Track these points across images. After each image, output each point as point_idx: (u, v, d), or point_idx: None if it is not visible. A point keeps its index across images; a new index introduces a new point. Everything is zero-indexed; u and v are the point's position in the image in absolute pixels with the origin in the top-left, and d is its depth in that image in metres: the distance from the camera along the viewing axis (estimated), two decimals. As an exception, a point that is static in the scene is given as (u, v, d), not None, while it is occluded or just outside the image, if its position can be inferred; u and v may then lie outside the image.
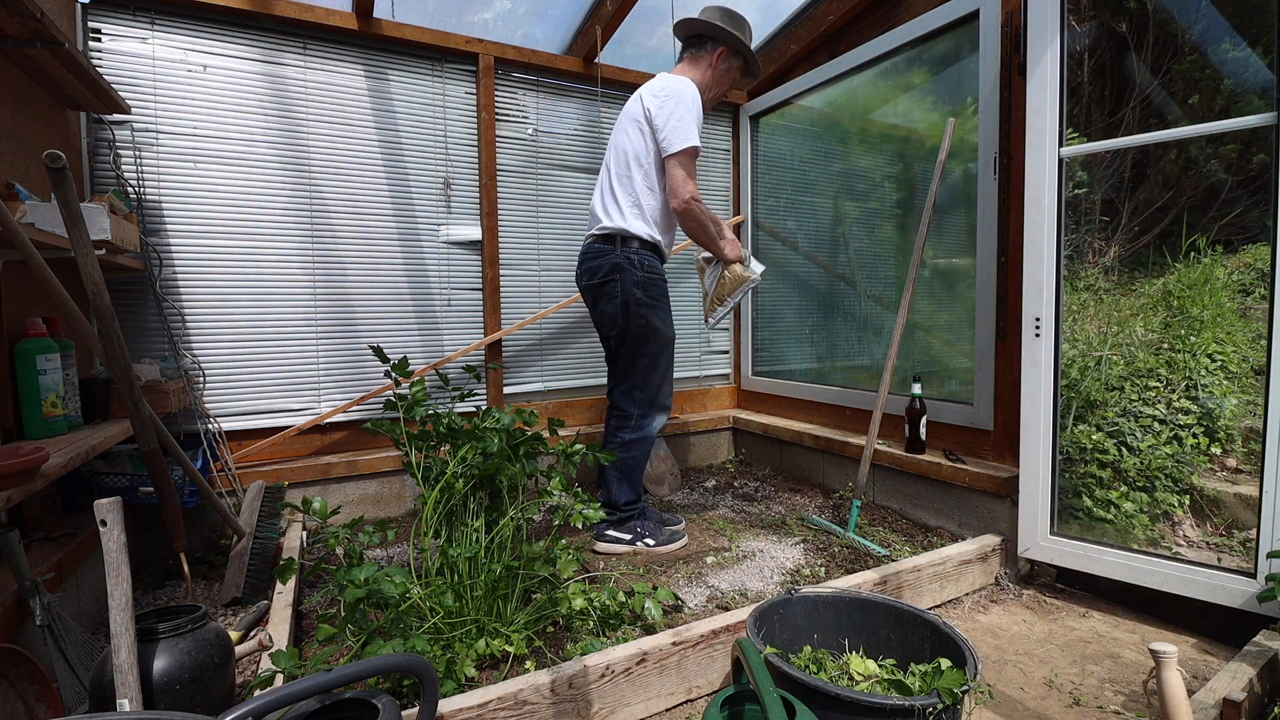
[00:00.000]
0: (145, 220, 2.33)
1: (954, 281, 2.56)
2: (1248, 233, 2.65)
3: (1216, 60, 2.64)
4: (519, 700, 1.30)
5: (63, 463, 1.43)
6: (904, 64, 2.73)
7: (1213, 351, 2.35)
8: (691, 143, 2.11)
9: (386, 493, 2.68)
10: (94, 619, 1.78)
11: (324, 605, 1.87)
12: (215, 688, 1.25)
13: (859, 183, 3.03)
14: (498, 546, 1.68)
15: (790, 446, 3.16)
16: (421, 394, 1.90)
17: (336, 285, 2.66)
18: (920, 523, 2.46)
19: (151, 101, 2.32)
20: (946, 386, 2.59)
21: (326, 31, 2.56)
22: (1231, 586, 1.67)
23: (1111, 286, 2.83)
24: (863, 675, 1.39)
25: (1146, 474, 2.18)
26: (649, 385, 2.26)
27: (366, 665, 1.00)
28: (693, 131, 2.11)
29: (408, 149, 2.77)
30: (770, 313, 3.57)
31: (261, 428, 2.54)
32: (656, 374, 2.26)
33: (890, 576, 1.86)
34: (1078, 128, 2.36)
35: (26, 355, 1.63)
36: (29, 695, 1.22)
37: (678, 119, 2.10)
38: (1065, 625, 1.88)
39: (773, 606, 1.50)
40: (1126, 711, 1.46)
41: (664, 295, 2.25)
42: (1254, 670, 1.38)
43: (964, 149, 2.44)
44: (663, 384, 2.29)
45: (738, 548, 2.27)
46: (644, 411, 2.27)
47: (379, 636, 1.47)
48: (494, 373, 2.95)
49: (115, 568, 1.13)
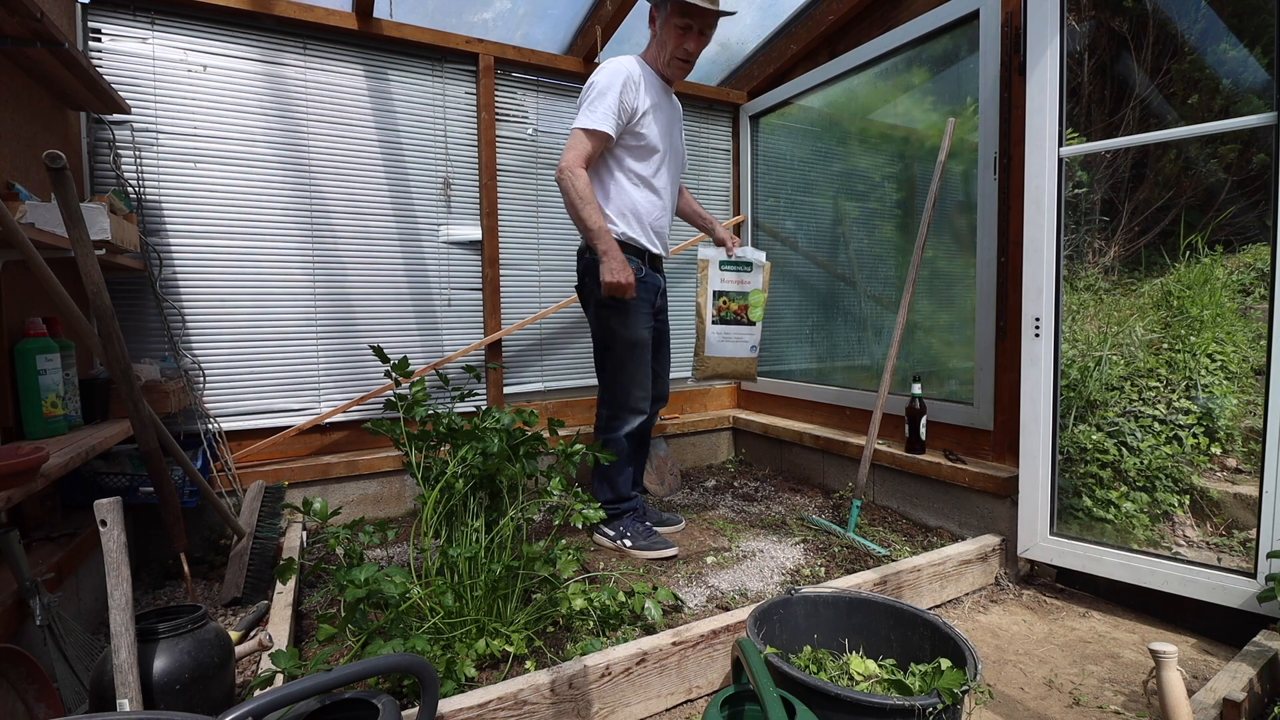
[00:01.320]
0: (145, 220, 2.33)
1: (954, 281, 2.56)
2: (1247, 233, 2.65)
3: (1215, 60, 2.64)
4: (519, 700, 1.30)
5: (63, 463, 1.43)
6: (904, 64, 2.74)
7: (1213, 351, 2.34)
8: (586, 125, 2.06)
9: (386, 493, 2.68)
10: (94, 619, 1.78)
11: (324, 605, 1.87)
12: (215, 688, 1.25)
13: (859, 183, 3.03)
14: (498, 546, 1.68)
15: (790, 446, 3.15)
16: (421, 394, 1.90)
17: (336, 285, 2.66)
18: (920, 523, 2.46)
19: (151, 101, 2.32)
20: (946, 386, 2.59)
21: (326, 31, 2.56)
22: (1231, 586, 1.67)
23: (1111, 286, 2.83)
24: (863, 675, 1.39)
25: (1146, 474, 2.18)
26: (616, 387, 2.25)
27: (366, 665, 1.00)
28: (596, 114, 2.06)
29: (408, 149, 2.77)
30: (770, 313, 3.57)
31: (261, 428, 2.54)
32: (624, 376, 2.23)
33: (890, 576, 1.86)
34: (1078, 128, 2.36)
35: (26, 355, 1.63)
36: (29, 695, 1.22)
37: (587, 100, 2.10)
38: (1065, 625, 1.87)
39: (773, 606, 1.50)
40: (1126, 711, 1.46)
41: (640, 297, 2.18)
42: (1254, 670, 1.38)
43: (964, 149, 2.44)
44: (632, 387, 2.23)
45: (738, 548, 2.27)
46: (613, 413, 2.27)
47: (379, 636, 1.47)
48: (494, 373, 2.95)
49: (115, 568, 1.13)
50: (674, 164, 2.32)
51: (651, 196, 2.22)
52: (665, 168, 2.25)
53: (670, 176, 2.30)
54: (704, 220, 2.55)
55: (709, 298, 2.34)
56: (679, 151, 2.37)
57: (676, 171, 2.36)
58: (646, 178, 2.20)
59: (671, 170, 2.30)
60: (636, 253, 2.21)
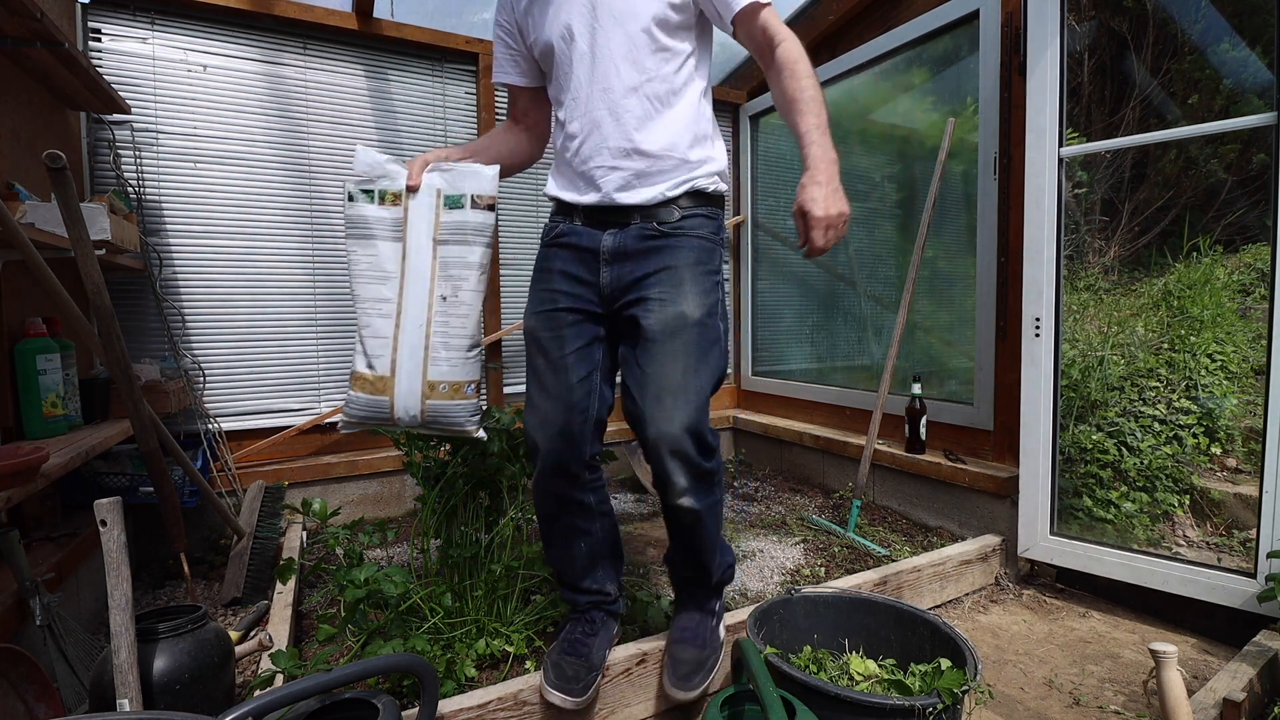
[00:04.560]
0: (145, 220, 2.33)
1: (954, 281, 2.56)
2: (1248, 232, 2.65)
3: (1216, 60, 2.64)
4: (519, 700, 1.30)
5: (63, 463, 1.43)
6: (904, 64, 2.73)
7: (1213, 351, 2.35)
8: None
9: (386, 493, 2.68)
10: (94, 619, 1.78)
11: (324, 605, 1.87)
12: (215, 688, 1.25)
13: (859, 183, 3.02)
14: (498, 547, 1.68)
15: (790, 446, 3.15)
16: (421, 394, 1.90)
17: (336, 285, 2.66)
18: (920, 523, 2.46)
19: (151, 101, 2.32)
20: (946, 386, 2.59)
21: (326, 31, 2.56)
22: (1231, 586, 1.67)
23: (1111, 286, 2.83)
24: (863, 675, 1.39)
25: (1147, 474, 2.18)
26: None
27: (366, 665, 1.00)
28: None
29: (408, 149, 2.77)
30: (770, 313, 3.57)
31: (261, 428, 2.54)
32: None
33: (890, 576, 1.86)
34: (1078, 128, 2.36)
35: (26, 355, 1.63)
36: (29, 695, 1.22)
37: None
38: (1065, 625, 1.87)
39: (773, 606, 1.50)
40: (1126, 711, 1.46)
41: (537, 272, 1.43)
42: (1254, 670, 1.38)
43: (964, 149, 2.44)
44: (527, 400, 1.39)
45: (738, 548, 2.26)
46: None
47: (379, 636, 1.47)
48: (494, 373, 2.95)
49: (115, 568, 1.12)
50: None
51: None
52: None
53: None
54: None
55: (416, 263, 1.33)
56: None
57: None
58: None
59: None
60: (560, 210, 1.42)
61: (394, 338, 1.27)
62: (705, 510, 1.31)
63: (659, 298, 1.26)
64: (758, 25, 1.29)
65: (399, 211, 1.29)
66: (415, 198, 1.29)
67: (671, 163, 1.30)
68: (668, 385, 1.22)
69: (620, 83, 1.27)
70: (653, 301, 1.26)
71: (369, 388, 1.28)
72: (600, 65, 1.27)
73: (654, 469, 1.27)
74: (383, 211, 1.29)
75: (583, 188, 1.34)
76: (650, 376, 1.24)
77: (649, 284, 1.28)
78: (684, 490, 1.26)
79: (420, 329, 1.28)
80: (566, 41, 1.30)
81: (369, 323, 1.28)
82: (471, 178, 1.30)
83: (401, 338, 1.28)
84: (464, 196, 1.30)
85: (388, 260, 1.29)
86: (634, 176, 1.29)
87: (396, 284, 1.29)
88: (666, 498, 1.29)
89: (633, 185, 1.29)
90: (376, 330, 1.27)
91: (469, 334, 1.31)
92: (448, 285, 1.29)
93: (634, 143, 1.28)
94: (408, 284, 1.29)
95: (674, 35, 1.29)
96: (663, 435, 1.22)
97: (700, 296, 1.28)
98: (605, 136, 1.28)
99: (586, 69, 1.29)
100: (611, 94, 1.27)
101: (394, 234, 1.29)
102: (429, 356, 1.28)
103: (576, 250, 1.35)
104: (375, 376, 1.28)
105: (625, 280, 1.31)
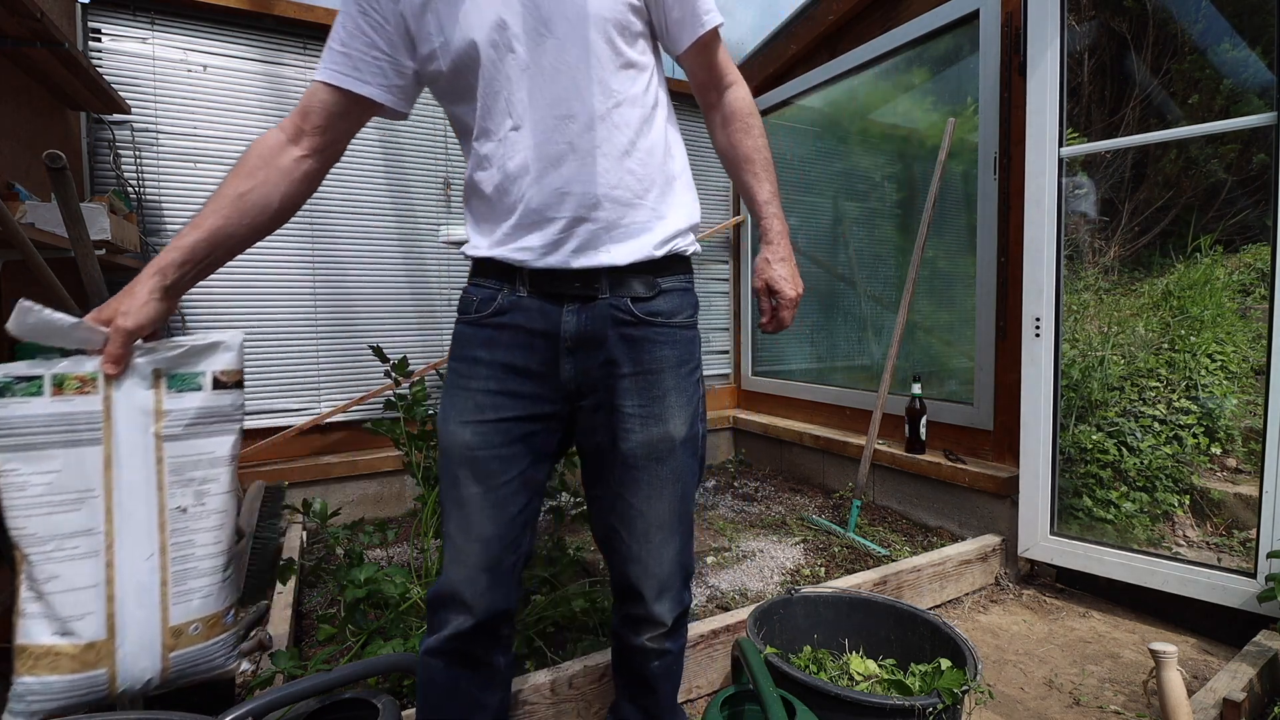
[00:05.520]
0: (145, 220, 2.33)
1: (954, 281, 2.56)
2: (1248, 232, 2.64)
3: (1216, 60, 2.64)
4: (519, 700, 1.29)
5: (63, 463, 1.43)
6: (904, 64, 2.73)
7: (1213, 351, 2.34)
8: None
9: (386, 493, 2.68)
10: (94, 619, 1.78)
11: (324, 605, 1.87)
12: (215, 687, 1.25)
13: (859, 183, 3.03)
14: (498, 546, 1.67)
15: (790, 446, 3.15)
16: (421, 394, 1.90)
17: (336, 285, 2.66)
18: (920, 523, 2.46)
19: (151, 101, 2.32)
20: (946, 386, 2.59)
21: (327, 32, 2.55)
22: (1231, 586, 1.67)
23: (1111, 286, 2.83)
24: (863, 675, 1.39)
25: (1147, 474, 2.17)
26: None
27: (366, 665, 1.00)
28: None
29: (407, 149, 2.77)
30: (770, 313, 3.57)
31: (261, 428, 2.54)
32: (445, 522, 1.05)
33: (890, 576, 1.86)
34: (1078, 128, 2.36)
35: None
36: (29, 695, 1.21)
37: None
38: (1065, 625, 1.87)
39: (773, 606, 1.50)
40: (1126, 711, 1.46)
41: (461, 362, 1.05)
42: (1254, 670, 1.38)
43: (964, 149, 2.44)
44: (446, 544, 1.04)
45: (738, 548, 2.27)
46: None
47: (379, 636, 1.47)
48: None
49: (115, 568, 1.12)
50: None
51: (472, 176, 1.09)
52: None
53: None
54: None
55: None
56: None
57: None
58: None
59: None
60: (483, 275, 1.06)
61: (106, 583, 0.88)
62: (678, 653, 1.14)
63: (639, 413, 1.01)
64: (716, 56, 1.08)
65: (94, 402, 0.90)
66: (120, 380, 0.92)
67: (644, 214, 1.00)
68: (655, 520, 1.04)
69: (583, 107, 0.95)
70: (632, 418, 1.01)
71: (69, 665, 0.86)
72: (552, 84, 0.94)
73: (629, 611, 1.09)
74: (60, 405, 0.88)
75: (533, 246, 0.97)
76: (637, 511, 1.03)
77: (625, 390, 1.01)
78: (666, 632, 1.08)
79: (150, 560, 0.91)
80: (498, 49, 0.94)
81: (56, 572, 0.86)
82: (209, 353, 1.03)
83: (120, 580, 0.89)
84: (201, 375, 1.00)
85: (79, 475, 0.88)
86: (603, 231, 0.97)
87: (100, 506, 0.89)
88: (638, 638, 1.08)
89: (601, 243, 0.97)
90: (70, 581, 0.86)
91: (224, 548, 1.03)
92: (187, 492, 0.96)
93: (603, 187, 0.96)
94: (121, 502, 0.90)
95: (635, 45, 1.00)
96: (652, 575, 1.05)
97: (685, 409, 1.05)
98: (566, 179, 0.95)
99: (529, 87, 0.94)
100: (573, 123, 0.95)
101: (87, 435, 0.89)
102: (168, 594, 0.93)
103: (525, 333, 1.00)
104: (79, 647, 0.86)
105: (593, 376, 1.01)
